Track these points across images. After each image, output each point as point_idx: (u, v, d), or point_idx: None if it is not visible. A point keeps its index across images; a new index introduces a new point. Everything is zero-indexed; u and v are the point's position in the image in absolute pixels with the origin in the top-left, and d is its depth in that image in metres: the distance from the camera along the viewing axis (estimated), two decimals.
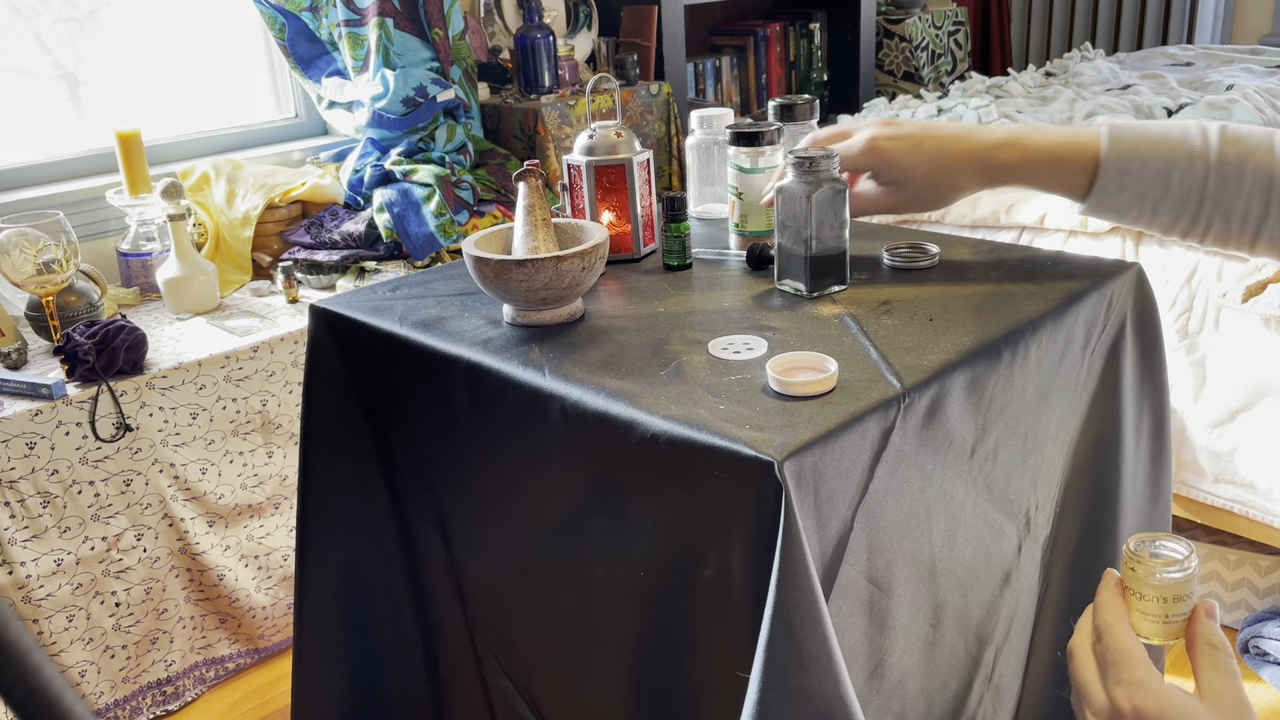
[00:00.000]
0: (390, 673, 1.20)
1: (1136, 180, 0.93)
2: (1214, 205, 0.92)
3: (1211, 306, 1.82)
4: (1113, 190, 0.94)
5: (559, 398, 0.86)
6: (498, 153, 2.44)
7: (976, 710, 0.98)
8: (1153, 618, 0.62)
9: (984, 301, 0.99)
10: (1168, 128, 0.95)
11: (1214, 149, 0.92)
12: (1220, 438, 1.83)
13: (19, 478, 1.56)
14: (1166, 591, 0.62)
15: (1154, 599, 0.62)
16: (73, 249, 1.68)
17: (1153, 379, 1.10)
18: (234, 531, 1.81)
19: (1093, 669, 0.61)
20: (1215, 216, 0.92)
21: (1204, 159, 0.92)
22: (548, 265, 0.94)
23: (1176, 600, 0.62)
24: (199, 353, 1.74)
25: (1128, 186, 0.93)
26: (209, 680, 1.84)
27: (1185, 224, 0.94)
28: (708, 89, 3.09)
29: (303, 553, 1.16)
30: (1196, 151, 0.92)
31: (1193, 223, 0.94)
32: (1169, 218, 0.94)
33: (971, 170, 0.99)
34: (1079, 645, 0.63)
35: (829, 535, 0.78)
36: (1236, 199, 0.91)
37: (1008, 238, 2.11)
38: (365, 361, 1.08)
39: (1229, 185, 0.91)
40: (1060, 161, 0.96)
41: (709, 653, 0.83)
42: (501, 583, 1.04)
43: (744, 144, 1.13)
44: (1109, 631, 0.61)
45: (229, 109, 2.46)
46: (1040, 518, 1.01)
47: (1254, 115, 2.30)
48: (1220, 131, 0.93)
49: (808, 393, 0.81)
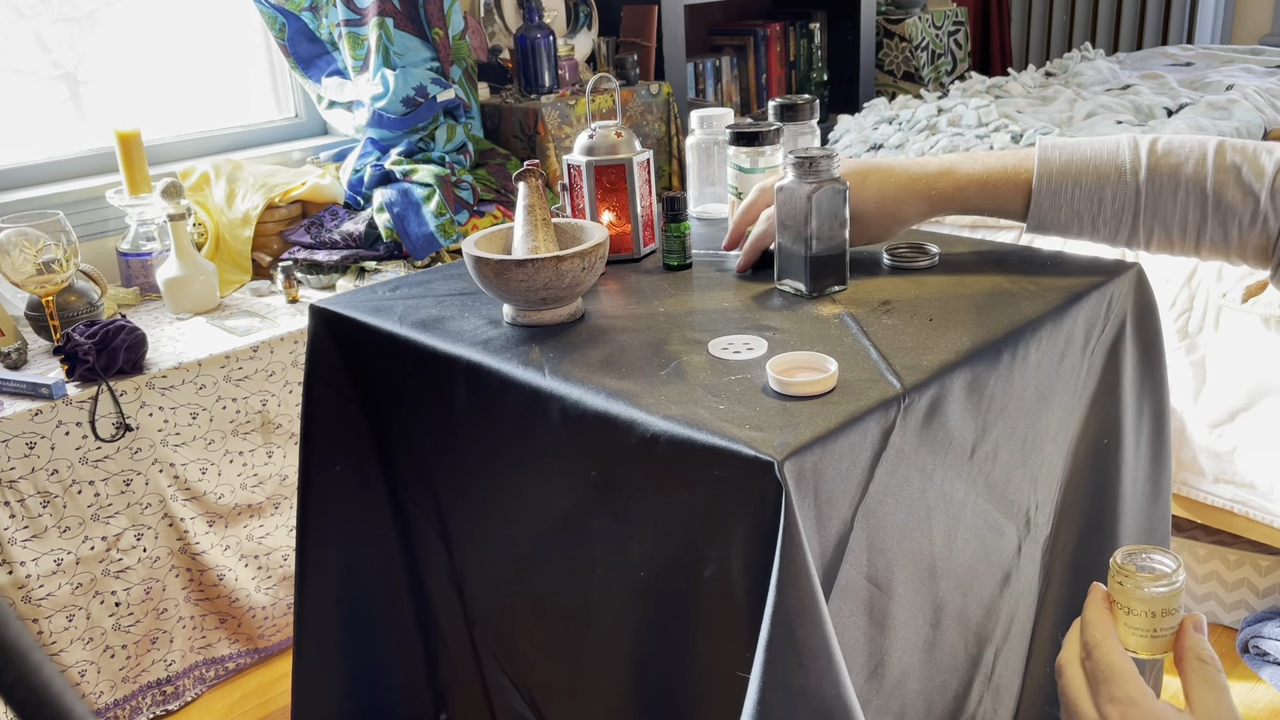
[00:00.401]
0: (390, 673, 1.20)
1: (1070, 199, 0.97)
2: (1151, 216, 0.95)
3: (1211, 306, 1.82)
4: (1048, 209, 0.98)
5: (559, 398, 0.86)
6: (498, 153, 2.44)
7: (976, 710, 0.98)
8: (1140, 632, 0.62)
9: (984, 301, 0.99)
10: (1099, 145, 0.98)
11: (1144, 164, 0.95)
12: (1220, 438, 1.83)
13: (19, 478, 1.56)
14: (1154, 605, 0.61)
15: (1141, 613, 0.61)
16: (73, 249, 1.68)
17: (1153, 379, 1.10)
18: (234, 531, 1.81)
19: (1083, 686, 0.61)
20: (1155, 227, 0.96)
21: (1135, 174, 0.95)
22: (548, 265, 0.94)
23: (1164, 614, 0.61)
24: (199, 353, 1.74)
25: (1062, 205, 0.97)
26: (209, 680, 1.84)
27: (1126, 235, 0.98)
28: (708, 89, 3.09)
29: (303, 553, 1.16)
30: (1128, 168, 0.95)
31: (1133, 234, 0.98)
32: (1109, 230, 0.98)
33: (914, 201, 1.03)
34: (1068, 661, 0.62)
35: (829, 535, 0.78)
36: (1172, 211, 0.95)
37: (1008, 238, 2.11)
38: (365, 361, 1.08)
39: (1164, 198, 0.95)
40: (994, 186, 1.00)
41: (709, 653, 0.83)
42: (501, 583, 1.04)
43: (744, 144, 1.13)
44: (1098, 648, 0.60)
45: (229, 109, 2.46)
46: (1040, 518, 1.01)
47: (1254, 115, 2.30)
48: (1150, 145, 0.96)
49: (808, 393, 0.81)
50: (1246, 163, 0.93)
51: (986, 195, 1.00)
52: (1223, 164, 0.93)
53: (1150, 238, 0.97)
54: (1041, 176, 0.97)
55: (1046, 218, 0.98)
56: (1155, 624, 0.61)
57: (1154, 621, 0.61)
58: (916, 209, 1.03)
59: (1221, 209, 0.93)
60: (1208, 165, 0.94)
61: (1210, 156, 0.93)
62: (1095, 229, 0.98)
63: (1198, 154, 0.94)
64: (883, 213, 1.04)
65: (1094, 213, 0.96)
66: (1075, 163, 0.97)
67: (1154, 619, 0.61)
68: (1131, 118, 2.46)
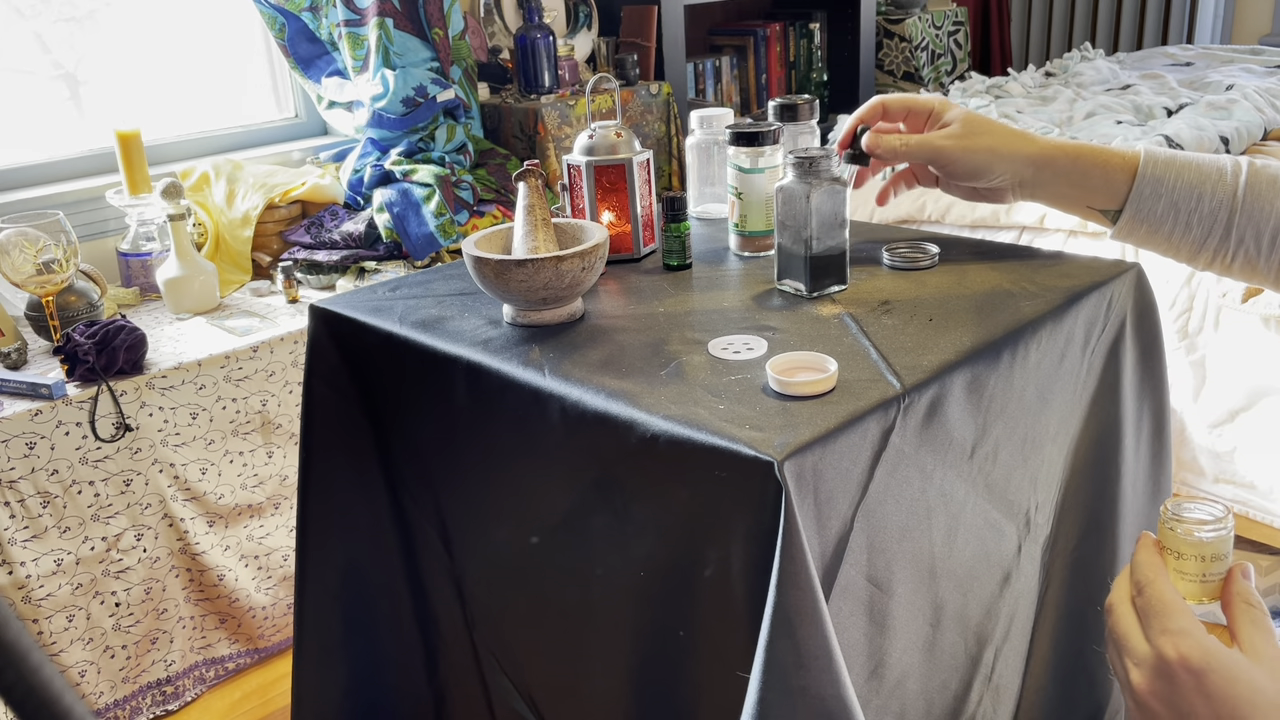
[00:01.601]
0: (390, 673, 1.20)
1: (1171, 189, 0.96)
2: (1246, 219, 0.95)
3: (1211, 306, 1.82)
4: (1149, 196, 0.97)
5: (559, 398, 0.86)
6: (498, 153, 2.44)
7: (976, 710, 0.98)
8: (1190, 577, 0.63)
9: (984, 301, 0.99)
10: (1202, 155, 0.99)
11: (1244, 171, 0.96)
12: (1220, 438, 1.83)
13: (19, 478, 1.56)
14: (1204, 550, 0.63)
15: (1192, 558, 0.63)
16: (73, 249, 1.68)
17: (1153, 379, 1.10)
18: (234, 531, 1.81)
19: (1134, 621, 0.62)
20: (1247, 231, 0.95)
21: (1235, 177, 0.96)
22: (548, 265, 0.94)
23: (1214, 560, 0.63)
24: (199, 353, 1.74)
25: (1163, 195, 0.96)
26: (209, 680, 1.84)
27: (1216, 241, 0.97)
28: (708, 89, 3.09)
29: (303, 553, 1.16)
30: (1229, 171, 0.96)
31: (1223, 239, 0.96)
32: (1202, 230, 0.97)
33: (1020, 141, 1.01)
34: (1119, 600, 0.63)
35: (829, 535, 0.78)
36: (1268, 215, 0.94)
37: (1008, 238, 2.11)
38: (365, 361, 1.08)
39: (1261, 201, 0.95)
40: (1100, 160, 0.99)
41: (709, 653, 0.83)
42: (501, 582, 1.04)
43: (744, 144, 1.13)
44: (1150, 586, 0.61)
45: (229, 109, 2.46)
46: (1040, 518, 1.01)
47: (1254, 115, 2.30)
48: (1250, 161, 0.97)
49: (808, 393, 0.81)
50: None
51: (1086, 168, 0.99)
52: None
53: (1240, 246, 0.96)
54: (1148, 161, 0.97)
55: (1145, 206, 0.97)
56: (1205, 569, 0.63)
57: (1204, 566, 0.63)
58: (1022, 149, 1.01)
59: None
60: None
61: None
62: (1188, 226, 0.97)
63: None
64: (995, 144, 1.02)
65: (1190, 208, 0.96)
66: (1179, 158, 0.98)
67: (1204, 564, 0.63)
68: (1131, 118, 2.46)
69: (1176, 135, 2.14)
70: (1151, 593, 0.61)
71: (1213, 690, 0.56)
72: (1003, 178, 1.02)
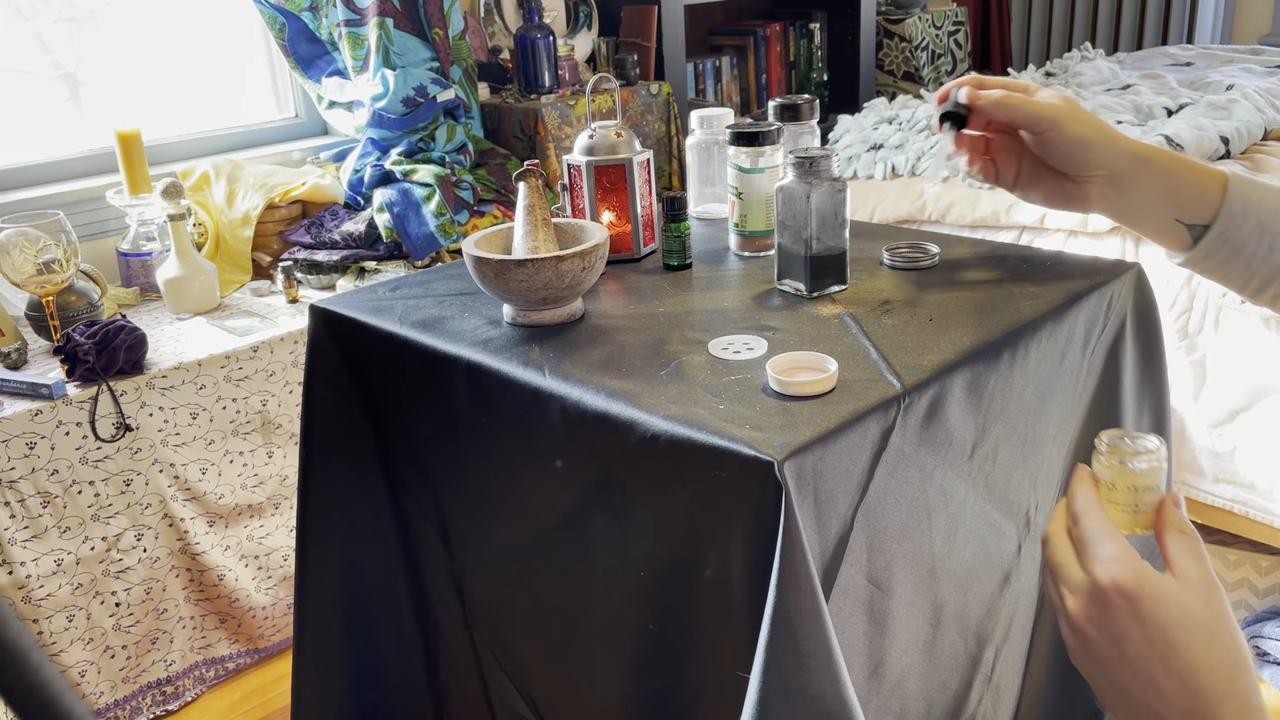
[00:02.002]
0: (390, 673, 1.20)
1: (1259, 209, 0.91)
2: None
3: (1211, 306, 1.82)
4: (1238, 215, 0.92)
5: (559, 398, 0.86)
6: (498, 153, 2.44)
7: (976, 710, 0.98)
8: (1123, 507, 0.64)
9: (984, 301, 0.99)
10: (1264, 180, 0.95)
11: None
12: (1220, 438, 1.83)
13: (19, 478, 1.56)
14: (1136, 480, 0.64)
15: (1124, 488, 0.64)
16: (73, 249, 1.68)
17: (1153, 379, 1.10)
18: (234, 531, 1.81)
19: (1069, 550, 0.62)
20: None
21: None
22: (548, 265, 0.94)
23: (1146, 490, 0.64)
24: (199, 353, 1.74)
25: (1250, 214, 0.92)
26: (209, 680, 1.84)
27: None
28: (708, 89, 3.09)
29: (303, 553, 1.16)
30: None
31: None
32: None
33: (1115, 137, 0.95)
34: (1054, 532, 0.64)
35: (829, 535, 0.77)
36: None
37: (1008, 238, 2.11)
38: (365, 361, 1.08)
39: None
40: (1197, 170, 0.93)
41: (709, 653, 0.83)
42: (501, 582, 1.04)
43: (744, 144, 1.13)
44: (1085, 516, 0.62)
45: (229, 109, 2.46)
46: (1040, 518, 1.01)
47: (1254, 115, 2.30)
48: None
49: (808, 393, 0.81)
50: None
51: (1182, 172, 0.93)
52: None
53: None
54: (1235, 181, 0.92)
55: (1234, 224, 0.92)
56: (1137, 499, 0.64)
57: (1135, 496, 0.64)
58: (1124, 141, 0.94)
59: None
60: None
61: None
62: (1272, 250, 0.92)
63: None
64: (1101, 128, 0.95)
65: (1276, 230, 0.91)
66: (1259, 182, 0.93)
67: (1135, 494, 0.64)
68: (1131, 118, 2.46)
69: (1177, 135, 2.14)
70: (1087, 523, 0.62)
71: (1145, 614, 0.57)
72: (1102, 168, 0.94)
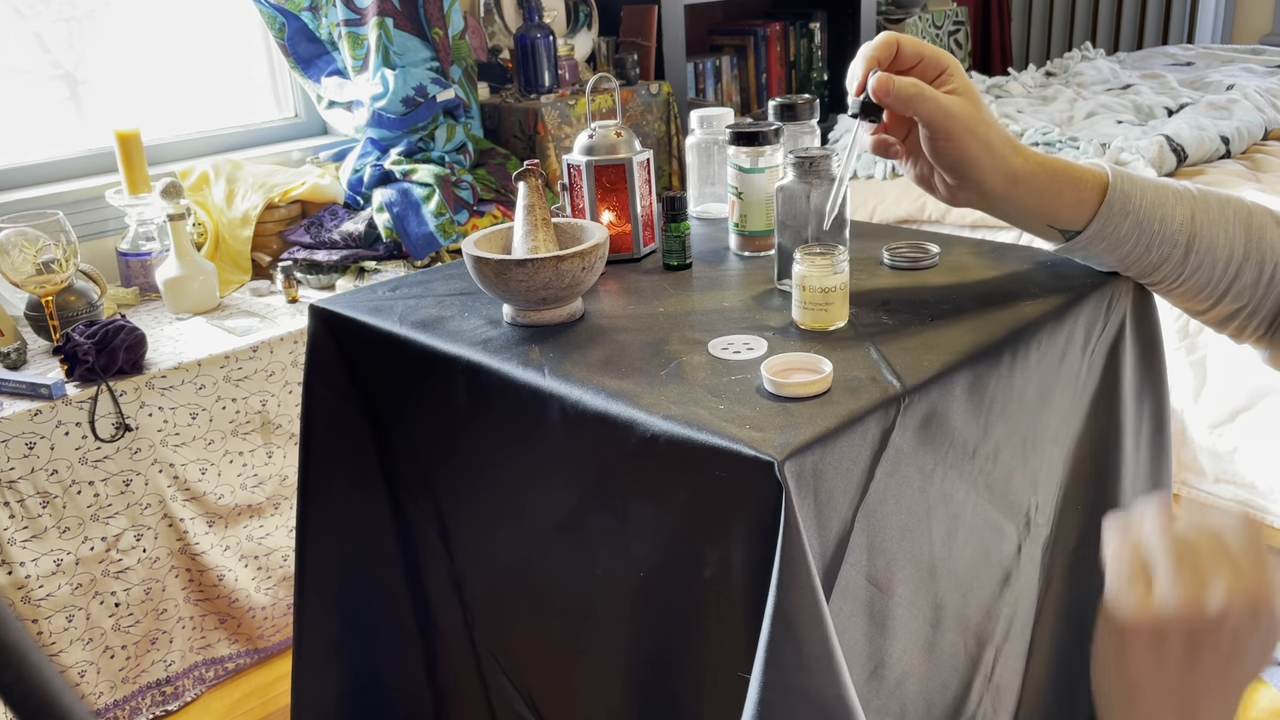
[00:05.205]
0: (390, 673, 1.20)
1: (1138, 208, 0.94)
2: (1204, 244, 0.94)
3: None
4: (1117, 214, 0.94)
5: (559, 398, 0.86)
6: (498, 152, 2.44)
7: (976, 710, 0.98)
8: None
9: (984, 301, 0.99)
10: (1150, 176, 0.98)
11: (1194, 190, 0.95)
12: (1220, 438, 1.83)
13: (19, 478, 1.56)
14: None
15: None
16: (72, 249, 1.68)
17: (1153, 379, 1.10)
18: (234, 531, 1.81)
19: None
20: (1205, 254, 0.94)
21: (1189, 196, 0.95)
22: (548, 265, 0.94)
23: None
24: (198, 353, 1.74)
25: (1130, 212, 0.94)
26: (209, 680, 1.84)
27: (1177, 259, 0.95)
28: (708, 89, 3.09)
29: (303, 553, 1.16)
30: (1182, 191, 0.95)
31: (1184, 259, 0.94)
32: (1161, 252, 0.95)
33: (1007, 150, 0.93)
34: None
35: (829, 535, 0.77)
36: (1219, 235, 0.94)
37: (1008, 238, 2.11)
38: (365, 361, 1.08)
39: (1213, 224, 0.94)
40: (1077, 175, 0.94)
41: (709, 653, 0.83)
42: (501, 583, 1.04)
43: (744, 144, 1.13)
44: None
45: (229, 109, 2.46)
46: (1040, 518, 1.01)
47: (1254, 115, 2.30)
48: (1195, 185, 0.97)
49: (802, 394, 0.81)
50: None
51: (1061, 186, 0.93)
52: (1259, 209, 0.95)
53: (1198, 268, 0.94)
54: (1117, 176, 0.93)
55: (1111, 224, 0.94)
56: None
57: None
58: (1010, 160, 0.92)
59: (1261, 246, 0.94)
60: (1245, 200, 0.96)
61: (1245, 201, 0.96)
62: (1148, 250, 0.94)
63: (1235, 196, 0.97)
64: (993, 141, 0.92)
65: (1155, 229, 0.94)
66: (1138, 178, 0.95)
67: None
68: (1132, 117, 2.46)
69: (1177, 135, 2.14)
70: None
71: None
72: (976, 186, 0.92)
